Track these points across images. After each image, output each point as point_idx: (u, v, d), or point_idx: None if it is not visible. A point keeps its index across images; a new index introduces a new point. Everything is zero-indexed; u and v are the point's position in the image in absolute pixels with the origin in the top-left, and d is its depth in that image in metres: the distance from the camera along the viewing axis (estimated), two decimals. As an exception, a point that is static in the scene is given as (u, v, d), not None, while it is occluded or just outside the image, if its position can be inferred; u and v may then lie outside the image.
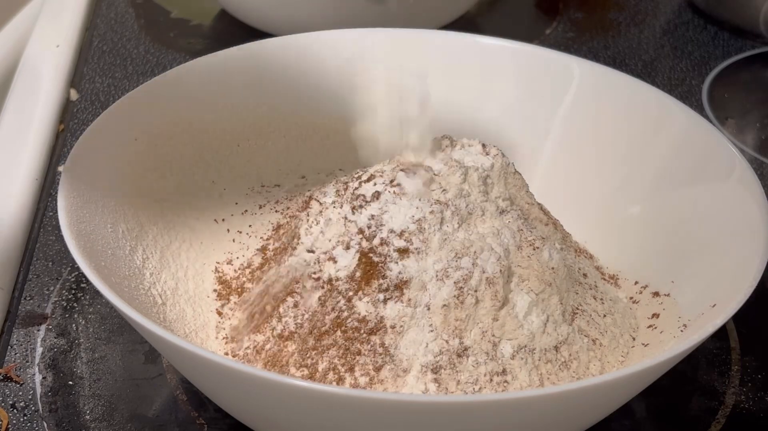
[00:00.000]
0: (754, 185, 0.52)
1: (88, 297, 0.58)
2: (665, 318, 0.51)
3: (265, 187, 0.60)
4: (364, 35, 0.63)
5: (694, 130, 0.56)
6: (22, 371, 0.54)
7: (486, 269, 0.47)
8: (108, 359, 0.54)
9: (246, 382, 0.42)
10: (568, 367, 0.48)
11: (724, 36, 0.86)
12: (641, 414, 0.52)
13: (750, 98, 0.80)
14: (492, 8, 0.91)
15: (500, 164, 0.52)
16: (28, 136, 0.70)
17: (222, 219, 0.57)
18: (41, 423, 0.51)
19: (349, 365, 0.47)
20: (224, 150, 0.60)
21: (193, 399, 0.52)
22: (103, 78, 0.78)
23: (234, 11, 0.84)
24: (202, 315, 0.52)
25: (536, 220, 0.52)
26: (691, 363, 0.55)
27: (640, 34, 0.87)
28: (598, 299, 0.52)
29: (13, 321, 0.57)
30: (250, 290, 0.52)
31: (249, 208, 0.59)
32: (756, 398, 0.54)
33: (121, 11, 0.87)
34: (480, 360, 0.47)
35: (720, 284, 0.49)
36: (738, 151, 0.54)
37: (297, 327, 0.48)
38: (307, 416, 0.43)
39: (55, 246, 0.62)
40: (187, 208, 0.57)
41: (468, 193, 0.50)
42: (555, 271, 0.49)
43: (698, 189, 0.55)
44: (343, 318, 0.47)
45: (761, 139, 0.75)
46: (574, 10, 0.90)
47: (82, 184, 0.51)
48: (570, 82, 0.61)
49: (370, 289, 0.47)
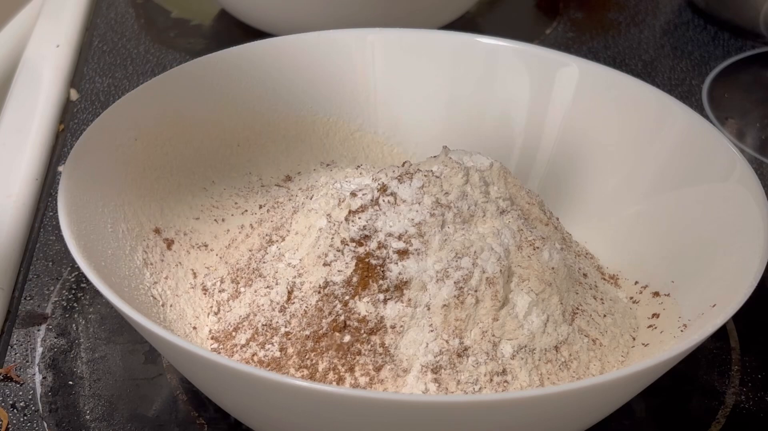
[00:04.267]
0: (754, 185, 0.52)
1: (88, 297, 0.58)
2: (665, 318, 0.51)
3: (264, 187, 0.60)
4: (364, 35, 0.63)
5: (694, 130, 0.56)
6: (22, 371, 0.54)
7: (486, 269, 0.47)
8: (108, 359, 0.54)
9: (246, 382, 0.42)
10: (568, 367, 0.48)
11: (724, 36, 0.86)
12: (641, 414, 0.52)
13: (750, 98, 0.80)
14: (492, 8, 0.91)
15: (500, 164, 0.52)
16: (28, 136, 0.70)
17: (222, 219, 0.57)
18: (41, 423, 0.51)
19: (349, 365, 0.47)
20: (224, 150, 0.60)
21: (193, 399, 0.52)
22: (103, 78, 0.78)
23: (234, 11, 0.84)
24: (203, 315, 0.52)
25: (536, 220, 0.52)
26: (691, 363, 0.55)
27: (640, 34, 0.87)
28: (598, 299, 0.52)
29: (13, 321, 0.57)
30: (241, 294, 0.52)
31: (249, 207, 0.59)
32: (756, 398, 0.54)
33: (121, 11, 0.87)
34: (480, 360, 0.47)
35: (720, 284, 0.49)
36: (738, 151, 0.54)
37: (295, 331, 0.48)
38: (307, 416, 0.43)
39: (55, 246, 0.62)
40: (187, 208, 0.57)
41: (469, 194, 0.50)
42: (555, 271, 0.49)
43: (698, 189, 0.55)
44: (339, 321, 0.47)
45: (761, 139, 0.75)
46: (574, 10, 0.90)
47: (82, 184, 0.51)
48: (570, 82, 0.61)
49: (370, 290, 0.47)
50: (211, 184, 0.58)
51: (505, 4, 0.92)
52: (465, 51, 0.63)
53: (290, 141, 0.62)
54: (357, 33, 0.63)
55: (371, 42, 0.63)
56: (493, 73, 0.63)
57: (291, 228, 0.51)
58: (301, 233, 0.50)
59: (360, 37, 0.63)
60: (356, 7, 0.77)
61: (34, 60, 0.79)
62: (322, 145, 0.62)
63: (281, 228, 0.52)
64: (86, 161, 0.52)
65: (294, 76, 0.62)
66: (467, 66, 0.63)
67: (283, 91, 0.62)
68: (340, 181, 0.51)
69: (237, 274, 0.53)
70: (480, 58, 0.63)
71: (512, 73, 0.63)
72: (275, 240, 0.52)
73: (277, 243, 0.52)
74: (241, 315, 0.50)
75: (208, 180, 0.58)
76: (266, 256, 0.51)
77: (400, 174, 0.50)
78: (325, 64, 0.62)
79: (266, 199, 0.59)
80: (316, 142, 0.62)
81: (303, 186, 0.60)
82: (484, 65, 0.63)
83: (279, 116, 0.62)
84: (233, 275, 0.53)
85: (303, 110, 0.62)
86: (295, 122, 0.62)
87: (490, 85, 0.63)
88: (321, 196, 0.51)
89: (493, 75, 0.63)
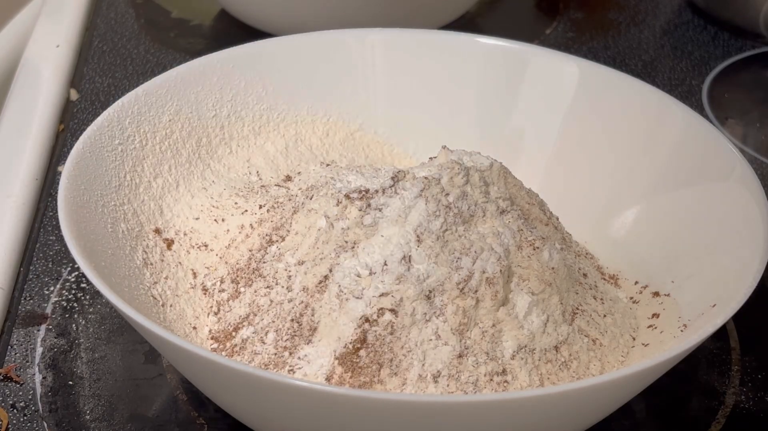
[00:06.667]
0: (754, 185, 0.52)
1: (88, 297, 0.58)
2: (665, 318, 0.51)
3: (264, 187, 0.60)
4: (364, 35, 0.63)
5: (694, 130, 0.56)
6: (22, 371, 0.54)
7: (486, 269, 0.47)
8: (108, 359, 0.55)
9: (246, 382, 0.42)
10: (568, 367, 0.48)
11: (724, 36, 0.86)
12: (641, 414, 0.52)
13: (750, 98, 0.80)
14: (492, 8, 0.91)
15: (500, 164, 0.52)
16: (28, 136, 0.70)
17: (222, 219, 0.57)
18: (41, 423, 0.51)
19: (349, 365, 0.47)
20: (223, 150, 0.60)
21: (193, 399, 0.52)
22: (103, 78, 0.78)
23: (234, 11, 0.84)
24: (203, 315, 0.52)
25: (536, 220, 0.52)
26: (691, 363, 0.55)
27: (640, 34, 0.87)
28: (598, 299, 0.52)
29: (13, 321, 0.57)
30: (241, 294, 0.52)
31: (249, 207, 0.59)
32: (756, 398, 0.54)
33: (121, 11, 0.87)
34: (480, 360, 0.47)
35: (720, 284, 0.49)
36: (738, 151, 0.54)
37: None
38: (307, 416, 0.43)
39: (55, 246, 0.62)
40: (186, 208, 0.57)
41: (469, 194, 0.50)
42: (555, 271, 0.49)
43: (698, 189, 0.55)
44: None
45: (761, 139, 0.75)
46: (574, 10, 0.90)
47: (82, 184, 0.51)
48: (570, 82, 0.61)
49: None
50: (211, 184, 0.58)
51: (505, 4, 0.92)
52: (465, 51, 0.63)
53: (290, 141, 0.62)
54: (357, 33, 0.63)
55: (371, 42, 0.63)
56: (493, 73, 0.63)
57: (291, 229, 0.51)
58: (301, 233, 0.50)
59: (360, 37, 0.63)
60: (356, 7, 0.77)
61: (34, 60, 0.79)
62: (322, 145, 0.62)
63: (281, 228, 0.52)
64: (86, 161, 0.52)
65: (294, 76, 0.62)
66: (467, 66, 0.63)
67: (283, 91, 0.62)
68: (341, 181, 0.51)
69: (237, 274, 0.53)
70: (480, 58, 0.63)
71: (512, 73, 0.63)
72: (275, 240, 0.52)
73: (277, 243, 0.52)
74: (241, 315, 0.50)
75: (207, 180, 0.58)
76: (266, 256, 0.51)
77: (401, 174, 0.50)
78: (325, 64, 0.62)
79: (266, 199, 0.59)
80: (316, 142, 0.62)
81: (303, 186, 0.60)
82: (484, 65, 0.63)
83: (279, 116, 0.62)
84: (233, 275, 0.53)
85: (303, 110, 0.62)
86: (295, 122, 0.62)
87: (490, 86, 0.63)
88: (321, 196, 0.51)
89: (493, 75, 0.63)
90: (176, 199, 0.56)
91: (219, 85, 0.60)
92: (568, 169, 0.61)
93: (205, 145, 0.59)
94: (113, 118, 0.55)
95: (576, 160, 0.61)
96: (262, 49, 0.62)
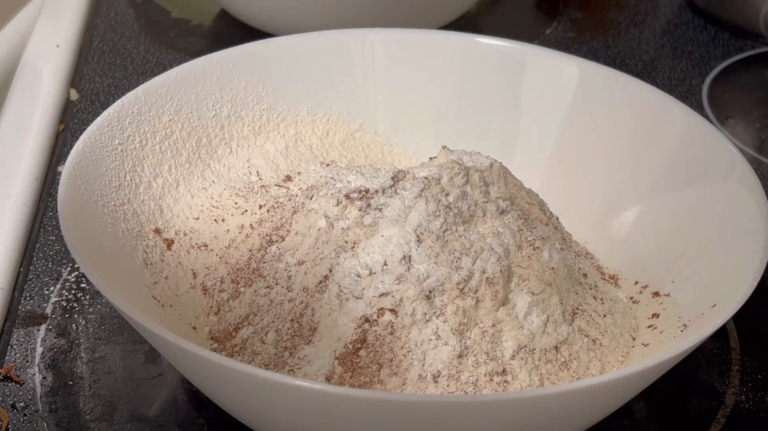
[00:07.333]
0: (754, 185, 0.52)
1: (88, 297, 0.58)
2: (665, 318, 0.51)
3: (264, 187, 0.60)
4: (364, 35, 0.63)
5: (694, 130, 0.56)
6: (22, 371, 0.54)
7: (486, 269, 0.47)
8: (108, 359, 0.54)
9: (246, 382, 0.42)
10: (568, 367, 0.48)
11: (724, 36, 0.86)
12: (641, 414, 0.52)
13: (750, 98, 0.80)
14: (492, 8, 0.91)
15: (500, 164, 0.52)
16: (28, 136, 0.70)
17: (222, 220, 0.57)
18: (41, 423, 0.51)
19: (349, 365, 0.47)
20: (223, 150, 0.60)
21: (193, 399, 0.52)
22: (103, 78, 0.78)
23: (234, 11, 0.84)
24: (203, 315, 0.52)
25: (536, 220, 0.52)
26: (691, 363, 0.55)
27: (640, 34, 0.87)
28: (598, 299, 0.52)
29: (13, 321, 0.57)
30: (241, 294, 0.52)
31: (249, 207, 0.59)
32: (756, 398, 0.54)
33: (121, 11, 0.87)
34: (480, 360, 0.47)
35: (720, 284, 0.49)
36: (738, 151, 0.54)
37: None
38: (307, 416, 0.43)
39: (55, 246, 0.62)
40: (186, 208, 0.57)
41: (469, 194, 0.50)
42: (555, 271, 0.49)
43: (698, 189, 0.55)
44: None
45: (761, 139, 0.75)
46: (574, 10, 0.90)
47: (82, 184, 0.51)
48: (570, 82, 0.61)
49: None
50: (211, 184, 0.58)
51: (505, 4, 0.92)
52: (465, 51, 0.63)
53: (290, 141, 0.62)
54: (357, 33, 0.63)
55: (371, 42, 0.63)
56: (493, 73, 0.63)
57: (291, 229, 0.51)
58: (301, 233, 0.50)
59: (360, 37, 0.63)
60: (356, 7, 0.77)
61: (34, 60, 0.79)
62: (322, 145, 0.62)
63: (281, 229, 0.52)
64: (86, 161, 0.52)
65: (294, 76, 0.62)
66: (467, 66, 0.63)
67: (283, 91, 0.62)
68: (341, 181, 0.51)
69: (237, 274, 0.53)
70: (480, 58, 0.63)
71: (512, 73, 0.63)
72: (275, 241, 0.52)
73: (277, 243, 0.52)
74: (241, 315, 0.50)
75: (207, 180, 0.58)
76: (266, 256, 0.51)
77: (401, 174, 0.50)
78: (325, 64, 0.62)
79: (266, 199, 0.59)
80: (316, 142, 0.62)
81: (303, 186, 0.60)
82: (484, 65, 0.63)
83: (279, 116, 0.62)
84: (233, 275, 0.53)
85: (303, 110, 0.62)
86: (295, 122, 0.62)
87: (490, 85, 0.63)
88: (321, 196, 0.51)
89: (493, 75, 0.63)
90: (176, 199, 0.56)
91: (219, 85, 0.60)
92: (568, 168, 0.61)
93: (205, 145, 0.59)
94: (113, 118, 0.55)
95: (576, 160, 0.61)
96: (262, 49, 0.62)
